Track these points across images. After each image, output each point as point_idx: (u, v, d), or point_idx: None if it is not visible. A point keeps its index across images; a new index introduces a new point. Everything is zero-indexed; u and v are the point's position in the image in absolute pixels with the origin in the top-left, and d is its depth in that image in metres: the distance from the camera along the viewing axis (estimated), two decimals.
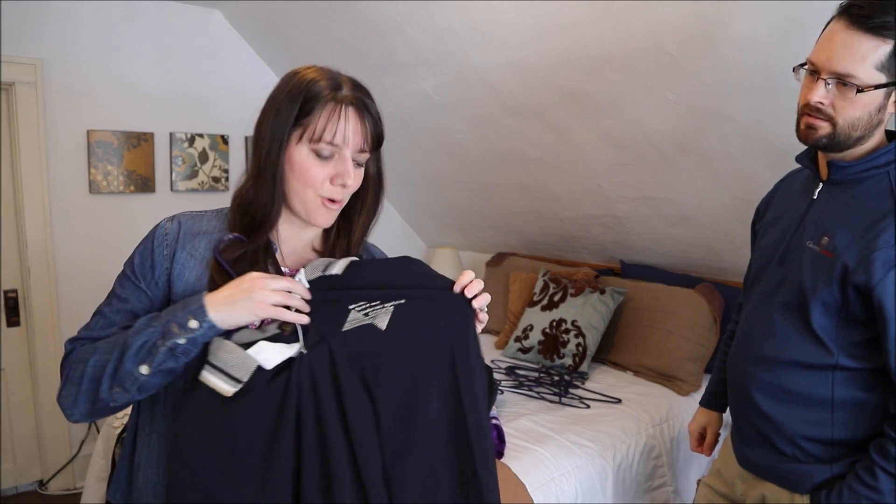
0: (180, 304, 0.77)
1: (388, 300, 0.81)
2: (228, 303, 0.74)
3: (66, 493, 2.58)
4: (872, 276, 0.98)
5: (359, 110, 0.81)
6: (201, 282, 0.82)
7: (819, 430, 1.08)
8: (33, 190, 2.39)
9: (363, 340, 0.78)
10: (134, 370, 0.75)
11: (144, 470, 0.83)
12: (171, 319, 0.75)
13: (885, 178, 1.03)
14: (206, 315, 0.74)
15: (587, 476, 1.71)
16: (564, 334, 2.37)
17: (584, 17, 1.77)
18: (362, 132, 0.82)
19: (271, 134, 0.81)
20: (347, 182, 0.81)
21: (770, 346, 1.13)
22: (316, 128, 0.79)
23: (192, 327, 0.74)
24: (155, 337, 0.75)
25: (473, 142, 2.60)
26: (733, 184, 2.05)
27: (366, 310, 0.80)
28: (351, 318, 0.79)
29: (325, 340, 0.77)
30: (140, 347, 0.74)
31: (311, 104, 0.80)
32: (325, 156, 0.81)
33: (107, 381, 0.75)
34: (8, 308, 2.45)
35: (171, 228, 0.85)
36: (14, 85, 2.30)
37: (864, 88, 0.96)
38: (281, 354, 0.74)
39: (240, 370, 0.73)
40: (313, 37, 2.47)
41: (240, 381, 0.73)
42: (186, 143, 2.74)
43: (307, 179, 0.81)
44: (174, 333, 0.74)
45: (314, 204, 0.82)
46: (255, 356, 0.73)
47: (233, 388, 0.73)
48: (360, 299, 0.81)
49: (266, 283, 0.75)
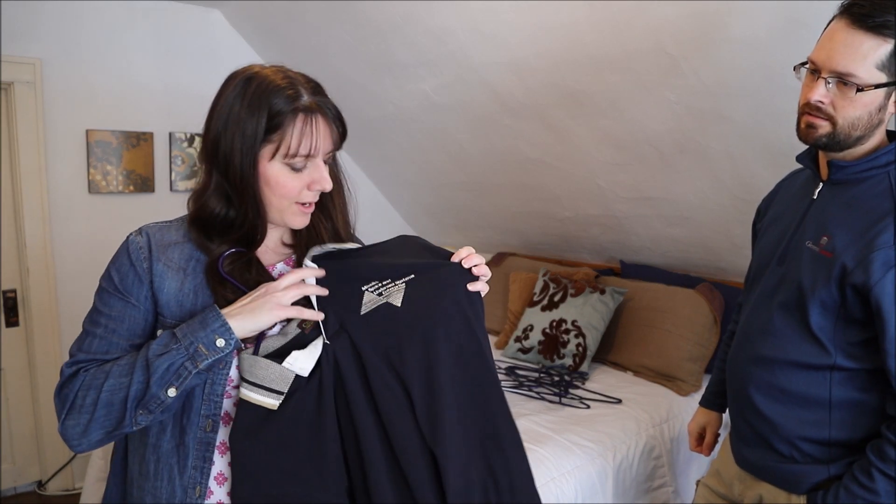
0: (196, 322, 0.77)
1: (398, 277, 0.83)
2: (249, 313, 0.77)
3: (65, 494, 2.57)
4: (871, 277, 0.98)
5: (325, 116, 0.81)
6: (182, 291, 0.82)
7: (816, 430, 1.08)
8: (32, 190, 2.38)
9: (382, 321, 0.81)
10: (160, 393, 0.76)
11: (139, 484, 0.83)
12: (195, 341, 0.76)
13: (886, 179, 1.03)
14: (231, 333, 0.76)
15: (587, 476, 1.71)
16: (564, 334, 2.37)
17: (584, 17, 1.77)
18: (331, 136, 0.82)
19: (241, 152, 0.78)
20: (325, 187, 0.82)
21: (769, 345, 1.13)
22: (291, 144, 0.78)
23: (220, 346, 0.76)
24: (181, 359, 0.75)
25: (473, 142, 2.60)
26: (732, 184, 2.05)
27: (379, 289, 0.82)
28: (366, 300, 0.82)
29: (343, 327, 0.80)
30: (166, 371, 0.75)
31: (278, 119, 0.77)
32: (299, 168, 0.81)
33: (132, 404, 0.76)
34: (7, 308, 2.45)
35: (142, 242, 0.84)
36: (13, 84, 2.30)
37: (864, 88, 0.96)
38: (313, 357, 0.78)
39: (279, 383, 0.76)
40: (313, 37, 2.47)
41: (282, 392, 0.77)
42: (186, 143, 2.74)
43: (284, 192, 0.81)
44: (203, 354, 0.76)
45: (290, 211, 0.83)
46: (292, 367, 0.76)
47: (277, 401, 0.76)
48: (371, 279, 0.83)
49: (277, 286, 0.78)
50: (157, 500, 0.81)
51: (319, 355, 0.78)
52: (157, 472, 0.81)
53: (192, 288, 0.83)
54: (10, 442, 2.51)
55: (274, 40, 2.71)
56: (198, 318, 0.78)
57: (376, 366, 0.79)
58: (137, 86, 2.59)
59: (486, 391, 0.82)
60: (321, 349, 0.78)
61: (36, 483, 2.59)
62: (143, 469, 0.82)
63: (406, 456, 0.76)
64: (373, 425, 0.77)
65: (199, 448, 0.80)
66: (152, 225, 0.87)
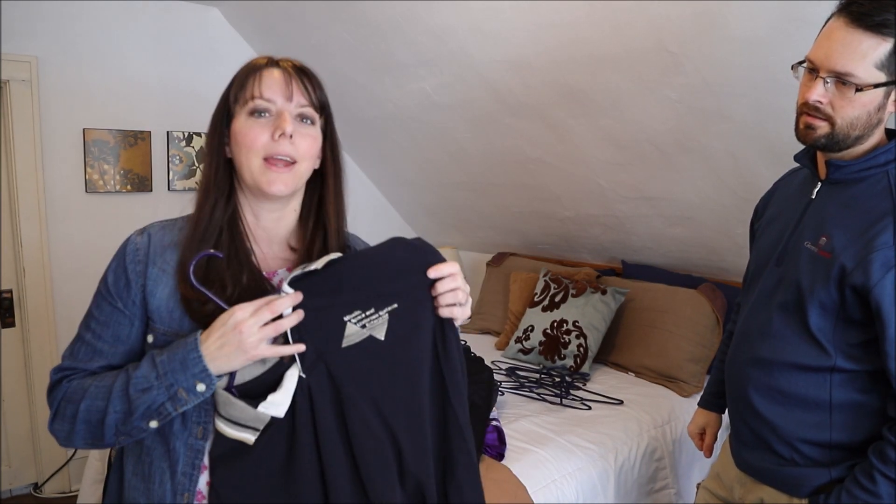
0: (177, 359, 0.75)
1: (381, 306, 0.80)
2: (224, 356, 0.74)
3: (61, 496, 2.55)
4: (870, 277, 0.97)
5: (284, 69, 0.84)
6: (174, 297, 0.80)
7: (817, 432, 1.07)
8: (29, 189, 2.37)
9: (367, 358, 0.78)
10: (143, 425, 0.76)
11: (133, 484, 0.82)
12: (174, 383, 0.75)
13: (885, 178, 1.02)
14: (212, 378, 0.75)
15: (588, 478, 1.70)
16: (565, 335, 2.36)
17: (585, 16, 1.77)
18: (296, 86, 0.82)
19: (217, 115, 0.85)
20: (286, 129, 0.80)
21: (768, 347, 1.12)
22: (246, 91, 0.82)
23: (200, 391, 0.75)
24: (161, 399, 0.75)
25: (473, 141, 2.59)
26: (734, 183, 2.04)
27: (362, 321, 0.79)
28: (348, 332, 0.78)
29: (322, 359, 0.77)
30: (147, 409, 0.75)
31: (241, 77, 0.83)
32: (260, 115, 0.81)
33: (110, 430, 0.76)
34: (3, 308, 2.43)
35: (141, 243, 0.83)
36: (9, 83, 2.28)
37: (863, 87, 0.95)
38: (288, 394, 0.75)
39: (255, 422, 0.75)
40: (313, 36, 2.45)
41: (258, 429, 0.75)
42: (184, 142, 2.72)
43: (248, 142, 0.81)
44: (184, 399, 0.75)
45: (259, 169, 0.81)
46: (267, 411, 0.74)
47: (254, 436, 0.75)
48: (355, 307, 0.79)
49: (251, 326, 0.73)
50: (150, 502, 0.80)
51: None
52: (151, 474, 0.81)
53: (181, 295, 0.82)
54: (6, 444, 2.49)
55: (273, 39, 2.69)
56: (179, 352, 0.75)
57: (357, 406, 0.77)
58: (135, 84, 2.57)
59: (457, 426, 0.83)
60: (296, 383, 0.76)
61: (32, 485, 2.57)
62: (138, 469, 0.82)
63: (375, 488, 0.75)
64: (345, 470, 0.76)
65: (189, 454, 0.79)
66: (156, 224, 0.87)
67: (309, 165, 0.85)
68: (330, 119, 0.89)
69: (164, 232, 0.85)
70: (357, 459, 0.76)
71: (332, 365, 0.77)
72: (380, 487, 0.76)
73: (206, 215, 0.83)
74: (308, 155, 0.84)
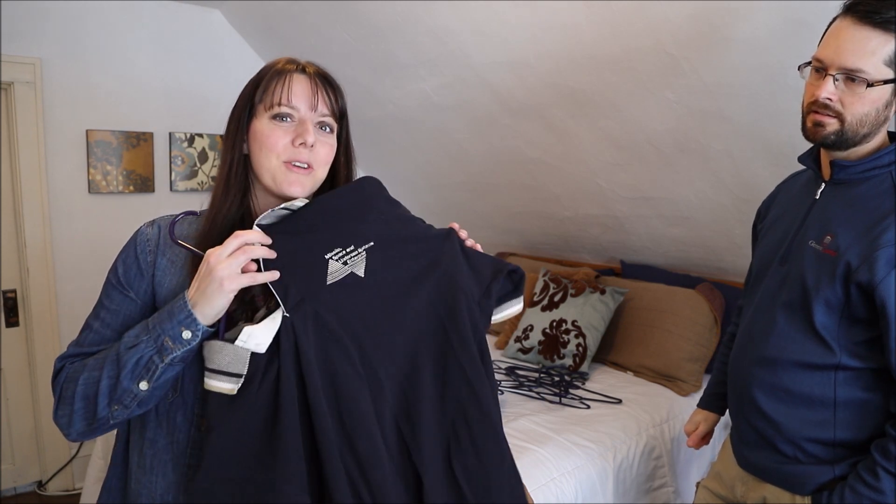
0: (165, 312, 0.75)
1: (360, 244, 0.80)
2: (201, 295, 0.73)
3: (65, 494, 2.57)
4: (875, 275, 0.98)
5: (310, 76, 0.85)
6: (182, 288, 0.80)
7: (821, 430, 1.08)
8: (32, 190, 2.38)
9: (351, 293, 0.77)
10: (132, 387, 0.74)
11: (137, 477, 0.83)
12: (161, 333, 0.73)
13: (888, 178, 1.03)
14: (197, 323, 0.73)
15: (587, 476, 1.70)
16: (565, 334, 2.37)
17: (584, 17, 1.77)
18: (321, 95, 0.84)
19: (237, 114, 0.85)
20: (307, 139, 0.81)
21: (772, 345, 1.13)
22: (273, 95, 0.83)
23: (186, 338, 0.73)
24: (149, 352, 0.74)
25: (473, 142, 2.60)
26: (733, 184, 2.04)
27: (343, 257, 0.79)
28: (332, 270, 0.78)
29: (306, 299, 0.75)
30: (136, 365, 0.74)
31: (267, 80, 0.84)
32: (283, 119, 0.82)
33: (103, 399, 0.75)
34: (7, 308, 2.44)
35: (151, 234, 0.84)
36: (13, 84, 2.30)
37: (874, 83, 0.96)
38: (270, 331, 0.73)
39: (236, 365, 0.72)
40: (313, 37, 2.46)
41: (239, 375, 0.72)
42: (186, 143, 2.73)
43: (269, 144, 0.82)
44: (170, 348, 0.73)
45: (279, 170, 0.82)
46: (245, 345, 0.72)
47: (235, 385, 0.72)
48: (335, 245, 0.79)
49: (220, 255, 0.72)
50: (152, 495, 0.81)
51: (279, 331, 0.73)
52: (153, 466, 0.81)
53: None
54: (10, 442, 2.50)
55: (274, 40, 2.70)
56: (168, 306, 0.75)
57: (342, 343, 0.74)
58: (137, 86, 2.59)
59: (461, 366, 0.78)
60: (279, 323, 0.73)
61: (36, 483, 2.59)
62: (141, 462, 0.82)
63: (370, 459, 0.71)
64: (330, 423, 0.72)
65: (194, 447, 0.80)
66: (167, 217, 0.88)
67: (325, 171, 0.87)
68: (346, 125, 0.92)
69: (174, 225, 0.86)
70: (339, 401, 0.73)
71: (319, 303, 0.75)
72: (359, 433, 0.72)
73: (222, 210, 0.83)
74: (325, 161, 0.86)
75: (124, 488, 0.85)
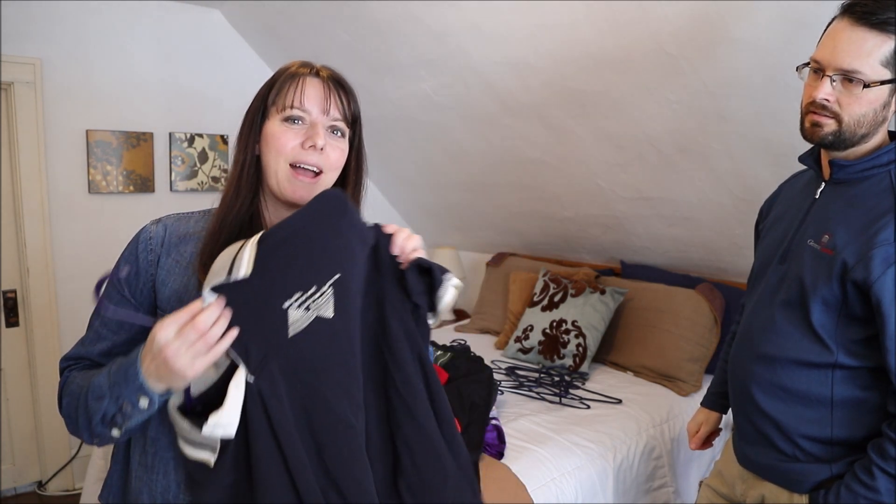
0: (123, 370, 0.71)
1: (324, 280, 0.70)
2: (160, 378, 0.69)
3: (65, 494, 2.57)
4: (871, 273, 0.98)
5: (324, 80, 0.85)
6: (187, 289, 0.80)
7: (818, 429, 1.08)
8: (32, 190, 2.38)
9: (317, 340, 0.70)
10: (106, 433, 0.75)
11: (138, 475, 0.83)
12: (120, 396, 0.71)
13: (887, 177, 1.03)
14: (151, 394, 0.70)
15: (587, 476, 1.71)
16: (565, 335, 2.37)
17: (584, 17, 1.77)
18: (334, 99, 0.84)
19: (250, 115, 0.85)
20: (317, 142, 0.81)
21: (771, 343, 1.13)
22: (285, 98, 0.83)
23: (143, 407, 0.71)
24: (112, 410, 0.72)
25: (473, 142, 2.60)
26: (733, 184, 2.05)
27: (305, 303, 0.70)
28: (293, 320, 0.69)
29: (269, 358, 0.68)
30: (103, 417, 0.73)
31: (280, 82, 0.84)
32: (294, 122, 0.82)
33: (85, 434, 0.76)
34: (7, 308, 2.45)
35: (155, 233, 0.84)
36: (13, 84, 2.30)
37: (871, 84, 0.97)
38: (235, 409, 0.66)
39: (208, 442, 0.68)
40: (313, 37, 2.46)
41: (215, 449, 0.69)
42: (186, 143, 2.74)
43: (278, 146, 0.81)
44: (129, 412, 0.72)
45: (285, 175, 0.82)
46: (213, 433, 0.67)
47: (212, 457, 0.69)
48: (293, 289, 0.69)
49: (176, 350, 0.66)
50: (153, 493, 0.81)
51: (245, 398, 0.67)
52: (154, 465, 0.81)
53: (195, 285, 0.81)
54: (10, 442, 2.50)
55: (274, 40, 2.70)
56: (125, 363, 0.72)
57: (319, 394, 0.70)
58: (137, 86, 2.59)
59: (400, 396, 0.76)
60: (244, 392, 0.67)
61: (36, 483, 2.59)
62: (143, 461, 0.83)
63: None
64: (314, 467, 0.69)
65: None
66: (173, 215, 0.88)
67: (334, 176, 0.86)
68: (359, 130, 0.91)
69: (179, 223, 0.86)
70: (324, 451, 0.69)
71: (285, 359, 0.69)
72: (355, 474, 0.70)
73: (232, 210, 0.83)
74: (335, 166, 0.85)
75: (125, 486, 0.85)
